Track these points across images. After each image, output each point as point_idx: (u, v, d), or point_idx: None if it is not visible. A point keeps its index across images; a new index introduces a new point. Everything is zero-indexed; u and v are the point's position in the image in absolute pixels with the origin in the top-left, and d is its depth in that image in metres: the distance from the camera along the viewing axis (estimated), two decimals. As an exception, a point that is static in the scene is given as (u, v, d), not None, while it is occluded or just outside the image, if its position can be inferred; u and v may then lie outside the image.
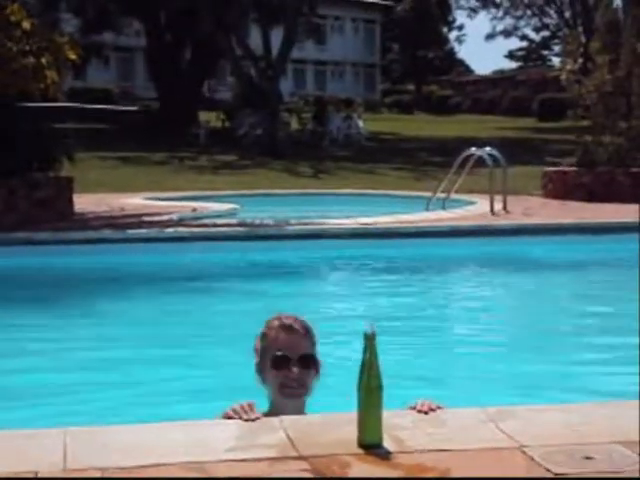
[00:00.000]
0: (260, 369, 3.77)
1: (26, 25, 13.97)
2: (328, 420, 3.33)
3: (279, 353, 3.68)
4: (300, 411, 3.69)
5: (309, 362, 3.71)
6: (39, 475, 2.75)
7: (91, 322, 8.42)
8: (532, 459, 2.85)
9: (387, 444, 2.96)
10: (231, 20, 34.70)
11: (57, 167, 14.42)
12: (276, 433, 3.10)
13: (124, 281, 10.55)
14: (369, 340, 2.96)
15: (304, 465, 2.82)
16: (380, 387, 2.95)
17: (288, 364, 3.67)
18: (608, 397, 4.84)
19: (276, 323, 3.76)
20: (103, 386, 6.23)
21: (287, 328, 3.73)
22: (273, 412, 3.62)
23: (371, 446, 2.94)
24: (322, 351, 3.83)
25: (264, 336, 3.78)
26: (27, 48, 13.91)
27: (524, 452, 2.91)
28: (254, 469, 2.80)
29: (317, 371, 3.78)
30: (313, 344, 3.79)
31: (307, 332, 3.77)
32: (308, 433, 3.10)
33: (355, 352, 3.09)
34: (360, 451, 2.93)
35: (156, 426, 3.28)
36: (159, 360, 6.93)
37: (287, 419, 3.28)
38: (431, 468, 2.81)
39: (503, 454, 2.91)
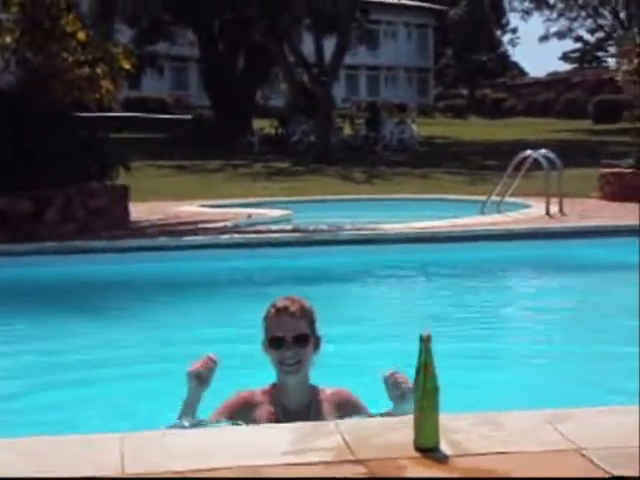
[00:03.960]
0: (264, 348, 4.11)
1: (81, 36, 14.15)
2: (385, 423, 3.32)
3: (275, 334, 4.01)
4: (302, 384, 4.05)
5: (303, 341, 4.00)
6: (97, 480, 2.77)
7: (147, 329, 8.48)
8: (591, 461, 2.81)
9: (444, 447, 2.94)
10: (283, 28, 34.82)
11: (113, 176, 14.53)
12: (332, 436, 3.09)
13: (180, 288, 10.61)
14: (425, 342, 2.95)
15: (360, 469, 2.81)
16: (436, 389, 2.93)
17: (283, 344, 3.98)
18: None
19: (272, 308, 4.09)
20: (160, 391, 6.26)
21: (282, 311, 4.03)
22: (279, 384, 4.07)
23: (428, 449, 2.92)
24: (378, 354, 3.82)
25: (265, 318, 4.11)
26: (82, 58, 14.09)
27: (583, 454, 2.87)
28: (310, 473, 2.79)
29: (317, 346, 4.11)
30: (311, 322, 4.07)
31: (303, 312, 4.04)
32: (364, 436, 3.09)
33: (410, 356, 3.07)
34: (417, 454, 2.91)
35: (213, 430, 3.29)
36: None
37: (343, 423, 3.27)
38: (488, 471, 2.78)
39: (562, 456, 2.87)
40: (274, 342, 4.00)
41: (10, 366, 7.10)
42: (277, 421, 3.90)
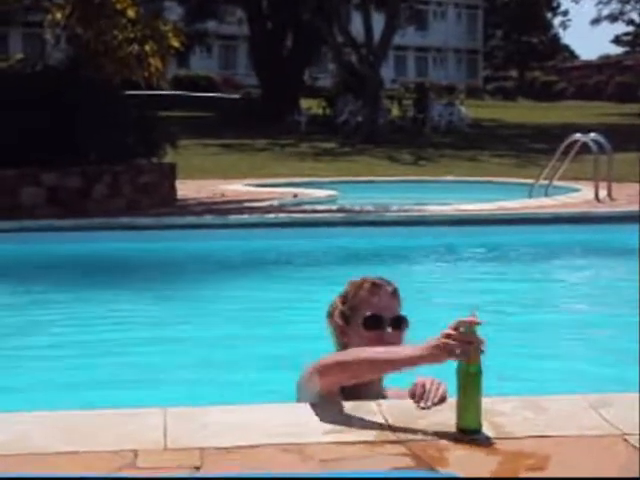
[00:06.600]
0: (342, 331, 3.61)
1: (131, 13, 14.20)
2: (427, 405, 3.30)
3: (372, 314, 3.54)
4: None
5: (402, 323, 3.57)
6: (139, 454, 2.79)
7: (193, 305, 8.53)
8: (634, 447, 2.78)
9: (486, 430, 2.93)
10: (332, 7, 34.69)
11: (160, 153, 14.60)
12: (374, 417, 3.09)
13: (225, 266, 10.65)
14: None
15: (402, 449, 2.81)
16: (479, 372, 2.92)
17: (382, 325, 3.53)
18: None
19: (366, 284, 3.61)
20: (204, 367, 6.30)
21: (379, 289, 3.60)
22: None
23: (470, 431, 2.91)
24: (422, 338, 3.78)
25: (353, 296, 3.61)
26: (131, 36, 14.15)
27: (626, 440, 2.85)
28: (351, 452, 2.79)
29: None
30: (400, 305, 3.65)
31: (396, 293, 3.64)
32: (407, 417, 3.09)
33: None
34: (459, 436, 2.90)
35: (255, 407, 3.30)
36: (261, 341, 6.98)
37: (385, 403, 3.27)
38: (530, 455, 2.77)
39: (604, 442, 2.85)
40: (372, 322, 3.52)
41: (53, 340, 7.17)
42: None
